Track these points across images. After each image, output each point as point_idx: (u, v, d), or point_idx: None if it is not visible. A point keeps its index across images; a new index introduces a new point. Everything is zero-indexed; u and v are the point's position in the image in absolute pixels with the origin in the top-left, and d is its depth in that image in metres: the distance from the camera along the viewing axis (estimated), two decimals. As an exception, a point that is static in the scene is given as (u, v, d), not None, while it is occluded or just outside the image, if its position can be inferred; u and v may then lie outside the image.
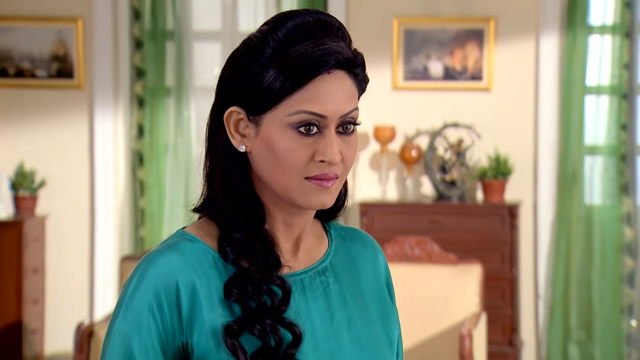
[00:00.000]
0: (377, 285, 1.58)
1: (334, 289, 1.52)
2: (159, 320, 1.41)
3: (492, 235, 5.87)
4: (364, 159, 6.19)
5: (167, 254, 1.43)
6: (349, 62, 1.46)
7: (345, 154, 1.46)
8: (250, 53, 1.45)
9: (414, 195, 6.17)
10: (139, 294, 1.42)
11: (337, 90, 1.44)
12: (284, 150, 1.43)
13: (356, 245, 1.60)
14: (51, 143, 6.25)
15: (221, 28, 6.23)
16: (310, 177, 1.44)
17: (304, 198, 1.44)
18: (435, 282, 4.67)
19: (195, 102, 6.21)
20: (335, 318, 1.49)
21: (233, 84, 1.46)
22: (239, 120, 1.46)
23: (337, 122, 1.45)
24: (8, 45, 6.27)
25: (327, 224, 1.59)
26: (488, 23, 6.09)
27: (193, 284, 1.42)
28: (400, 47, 6.13)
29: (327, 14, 1.48)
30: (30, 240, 5.99)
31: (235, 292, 1.42)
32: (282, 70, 1.42)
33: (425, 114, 6.12)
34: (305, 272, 1.50)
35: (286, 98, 1.43)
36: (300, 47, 1.42)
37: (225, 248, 1.45)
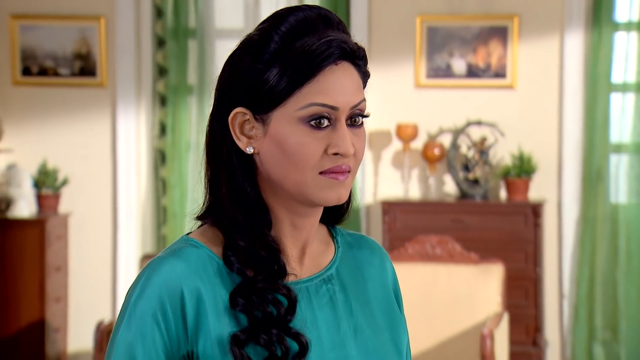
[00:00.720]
0: (384, 293, 1.56)
1: (340, 297, 1.49)
2: (164, 329, 1.38)
3: (516, 234, 5.82)
4: (386, 157, 6.16)
5: (171, 261, 1.40)
6: (354, 53, 1.43)
7: (356, 147, 1.43)
8: (253, 51, 1.42)
9: (437, 193, 6.13)
10: (142, 302, 1.38)
11: (345, 81, 1.42)
12: (296, 145, 1.40)
13: (363, 252, 1.57)
14: (74, 141, 6.26)
15: (243, 26, 6.22)
16: (324, 171, 1.41)
17: (320, 193, 1.41)
18: (457, 282, 4.63)
19: (217, 100, 6.18)
20: (342, 327, 1.46)
21: (236, 85, 1.43)
22: (244, 121, 1.43)
23: (347, 114, 1.42)
24: (31, 44, 6.28)
25: (333, 230, 1.56)
26: (512, 20, 6.03)
27: (198, 291, 1.39)
28: (423, 44, 6.09)
29: (327, 9, 1.45)
30: (53, 239, 6.00)
31: (241, 302, 1.39)
32: (289, 65, 1.39)
33: (448, 112, 6.08)
34: (311, 279, 1.47)
35: (295, 92, 1.40)
36: (305, 40, 1.40)
37: (230, 257, 1.41)
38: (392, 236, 5.81)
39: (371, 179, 6.16)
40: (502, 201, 5.97)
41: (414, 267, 4.67)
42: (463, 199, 5.96)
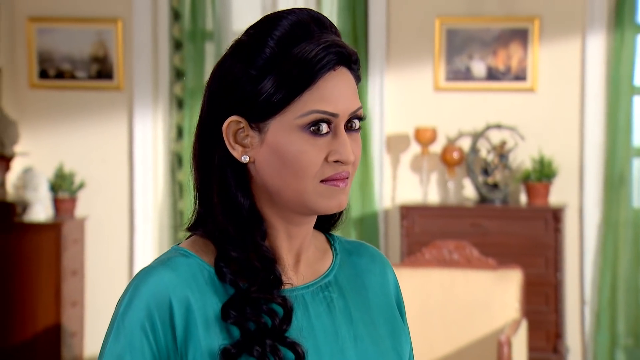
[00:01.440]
0: (385, 301, 1.51)
1: (338, 305, 1.45)
2: (152, 340, 1.34)
3: (536, 239, 5.74)
4: (405, 161, 6.09)
5: (159, 270, 1.37)
6: (350, 58, 1.40)
7: (355, 153, 1.40)
8: (246, 57, 1.37)
9: (456, 198, 6.06)
10: (130, 313, 1.35)
11: (344, 87, 1.38)
12: (296, 153, 1.36)
13: (363, 259, 1.52)
14: (90, 144, 6.23)
15: (261, 28, 6.17)
16: (325, 179, 1.37)
17: (322, 202, 1.38)
18: (474, 288, 4.56)
19: (234, 104, 6.15)
20: (340, 335, 1.42)
21: (228, 93, 1.38)
22: (238, 130, 1.39)
23: (345, 120, 1.39)
24: (49, 47, 6.27)
25: (331, 237, 1.52)
26: (532, 22, 5.96)
27: (187, 301, 1.35)
28: (442, 47, 6.03)
29: (318, 12, 1.41)
30: (69, 243, 5.98)
31: (233, 314, 1.34)
32: (286, 72, 1.35)
33: (468, 115, 6.01)
34: (307, 287, 1.43)
35: (295, 100, 1.36)
36: (303, 45, 1.36)
37: (222, 268, 1.37)
38: (411, 241, 5.75)
39: (389, 183, 6.10)
40: (522, 206, 5.90)
41: (431, 273, 4.61)
42: (482, 203, 5.89)
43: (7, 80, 6.23)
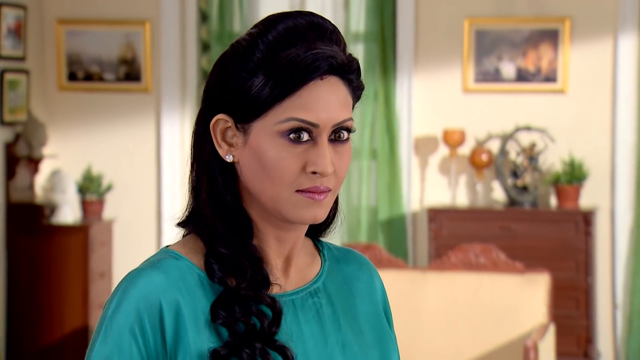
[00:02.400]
0: (373, 309, 1.49)
1: (327, 312, 1.43)
2: (141, 343, 1.32)
3: (566, 242, 5.67)
4: (433, 163, 6.04)
5: (149, 273, 1.34)
6: (343, 68, 1.36)
7: (337, 165, 1.36)
8: (239, 57, 1.36)
9: (485, 200, 6.00)
10: (119, 316, 1.33)
11: (330, 97, 1.35)
12: (273, 159, 1.34)
13: (351, 267, 1.50)
14: (118, 146, 6.24)
15: (289, 30, 6.15)
16: (301, 189, 1.35)
17: (295, 212, 1.35)
18: (501, 292, 4.51)
19: (262, 106, 6.13)
20: (329, 342, 1.40)
21: (220, 91, 1.37)
22: (227, 128, 1.38)
23: (329, 131, 1.35)
24: (77, 49, 6.28)
25: (320, 244, 1.50)
26: (563, 23, 5.89)
27: (177, 304, 1.33)
28: (471, 48, 5.97)
29: (321, 17, 1.38)
30: (97, 245, 5.98)
31: (222, 315, 1.33)
32: (271, 76, 1.33)
33: (497, 117, 5.95)
34: (297, 292, 1.41)
35: (276, 105, 1.34)
36: (292, 51, 1.34)
37: (212, 265, 1.35)
38: (438, 244, 5.70)
39: (417, 186, 6.05)
40: (552, 209, 5.82)
41: (457, 277, 4.55)
42: (512, 206, 5.82)
43: (36, 82, 6.25)
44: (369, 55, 5.98)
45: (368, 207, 5.99)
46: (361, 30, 6.02)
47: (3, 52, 5.92)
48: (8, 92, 5.96)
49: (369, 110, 5.98)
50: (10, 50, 6.00)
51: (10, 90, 5.99)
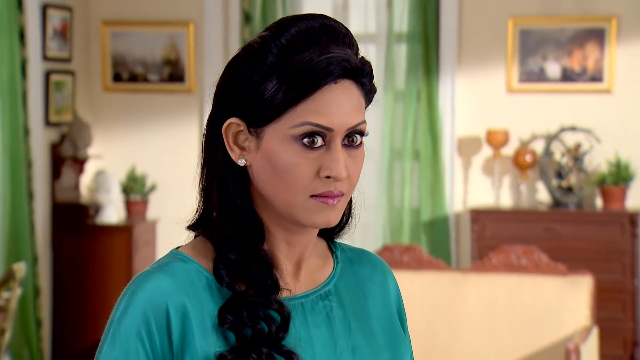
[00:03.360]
0: (386, 311, 1.47)
1: (337, 315, 1.41)
2: (148, 347, 1.32)
3: (612, 244, 5.60)
4: (476, 163, 6.00)
5: (156, 276, 1.34)
6: (356, 71, 1.35)
7: (350, 169, 1.35)
8: (251, 61, 1.35)
9: (529, 201, 5.94)
10: (126, 319, 1.33)
11: (344, 101, 1.33)
12: (287, 164, 1.33)
13: (364, 268, 1.49)
14: (162, 147, 6.27)
15: (332, 30, 6.13)
16: (315, 195, 1.33)
17: (308, 217, 1.34)
18: (543, 294, 4.45)
19: (304, 106, 6.13)
20: (339, 345, 1.39)
21: (232, 94, 1.36)
22: (239, 132, 1.36)
23: (343, 135, 1.34)
24: (122, 50, 6.33)
25: (333, 244, 1.49)
26: (609, 21, 5.81)
27: (184, 308, 1.33)
28: (515, 48, 5.92)
29: (334, 20, 1.36)
30: (140, 245, 6.01)
31: (229, 319, 1.32)
32: (285, 80, 1.32)
33: (541, 117, 5.89)
34: (306, 295, 1.40)
35: (290, 109, 1.33)
36: (305, 54, 1.32)
37: (220, 271, 1.35)
38: (481, 245, 5.65)
39: (460, 186, 6.01)
40: (598, 210, 5.75)
41: (498, 278, 4.51)
42: (556, 207, 5.76)
43: (82, 83, 6.30)
44: (412, 56, 5.95)
45: (411, 208, 5.96)
46: (404, 30, 5.99)
47: (49, 54, 5.98)
48: (54, 93, 6.02)
49: (412, 110, 5.95)
50: (56, 51, 6.05)
51: (56, 91, 6.05)
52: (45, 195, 5.95)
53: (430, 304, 4.49)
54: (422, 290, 4.52)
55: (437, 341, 4.46)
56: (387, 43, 5.98)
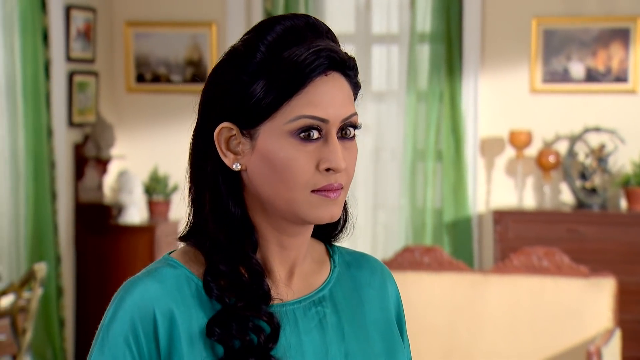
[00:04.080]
0: (383, 316, 1.46)
1: (330, 321, 1.39)
2: (136, 353, 1.32)
3: (636, 246, 5.55)
4: (499, 164, 5.96)
5: (145, 282, 1.33)
6: (344, 63, 1.35)
7: (347, 161, 1.35)
8: (239, 62, 1.34)
9: (552, 203, 5.90)
10: (114, 325, 1.33)
11: (336, 93, 1.34)
12: (285, 161, 1.32)
13: (362, 272, 1.47)
14: (185, 147, 6.22)
15: (354, 30, 6.13)
16: (316, 189, 1.33)
17: (312, 212, 1.34)
18: (565, 296, 4.42)
19: (327, 107, 6.12)
20: (331, 352, 1.37)
21: (221, 99, 1.35)
22: (231, 136, 1.36)
23: (338, 127, 1.34)
24: (145, 51, 6.34)
25: (331, 248, 1.47)
26: (634, 21, 5.77)
27: (171, 315, 1.32)
28: (539, 48, 5.88)
29: (315, 18, 1.37)
30: (163, 245, 6.02)
31: (217, 332, 1.31)
32: (276, 76, 1.32)
33: (565, 118, 5.85)
34: (299, 301, 1.39)
35: (283, 105, 1.32)
36: (294, 49, 1.33)
37: (210, 283, 1.34)
38: (504, 246, 5.62)
39: (483, 187, 5.98)
40: (622, 211, 5.70)
41: (520, 280, 4.48)
42: (580, 208, 5.72)
43: (105, 84, 6.32)
44: (435, 56, 5.92)
45: (433, 209, 5.94)
46: (427, 30, 5.96)
47: (72, 54, 6.01)
48: (77, 93, 6.05)
49: (434, 111, 5.92)
50: (79, 52, 6.08)
51: (80, 92, 6.07)
52: (69, 195, 5.98)
53: (451, 306, 4.47)
54: (443, 292, 4.50)
55: (458, 343, 4.44)
56: (410, 43, 5.96)
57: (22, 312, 4.46)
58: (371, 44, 6.12)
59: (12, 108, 5.51)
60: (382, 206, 6.11)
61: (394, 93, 6.08)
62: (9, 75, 5.50)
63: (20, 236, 5.56)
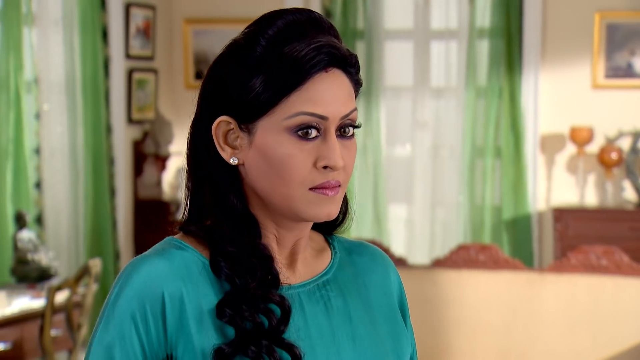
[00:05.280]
0: (387, 301, 1.45)
1: (336, 304, 1.38)
2: (142, 331, 1.30)
3: (702, 244, 5.42)
4: (560, 161, 5.87)
5: (153, 260, 1.32)
6: (345, 60, 1.34)
7: (346, 160, 1.33)
8: (239, 56, 1.33)
9: (614, 200, 5.79)
10: (121, 302, 1.31)
11: (336, 90, 1.32)
12: (283, 157, 1.31)
13: (364, 258, 1.46)
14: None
15: (413, 26, 6.07)
16: (313, 187, 1.32)
17: (309, 210, 1.32)
18: (624, 296, 4.32)
19: (385, 103, 6.08)
20: (337, 335, 1.36)
21: (220, 92, 1.34)
22: (229, 130, 1.34)
23: (337, 124, 1.32)
24: (204, 48, 6.36)
25: (330, 237, 1.46)
26: (700, 15, 5.63)
27: (180, 294, 1.30)
28: (601, 42, 5.77)
29: (318, 13, 1.35)
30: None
31: (228, 313, 1.29)
32: (275, 71, 1.30)
33: (628, 114, 5.73)
34: (303, 285, 1.37)
35: (282, 101, 1.31)
36: (294, 45, 1.31)
37: (219, 263, 1.32)
38: (564, 244, 5.53)
39: (543, 184, 5.88)
40: (687, 209, 5.58)
41: (577, 279, 4.39)
42: (643, 206, 5.60)
43: (164, 81, 6.35)
44: (494, 51, 5.85)
45: (492, 206, 5.86)
46: (486, 25, 5.89)
47: (132, 52, 6.04)
48: (136, 91, 6.09)
49: (494, 107, 5.85)
50: (138, 49, 6.11)
51: (139, 89, 6.11)
52: (127, 192, 6.02)
53: (507, 305, 4.40)
54: (499, 291, 4.43)
55: (514, 342, 4.37)
56: (469, 39, 5.89)
57: (77, 307, 4.50)
58: (430, 39, 6.06)
59: (71, 105, 5.57)
60: (440, 203, 6.05)
61: (453, 89, 6.02)
62: (68, 72, 5.56)
63: (79, 232, 5.61)
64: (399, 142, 6.15)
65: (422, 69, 6.02)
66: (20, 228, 4.83)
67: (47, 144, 5.44)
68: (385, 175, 6.04)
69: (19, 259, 4.79)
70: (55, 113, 5.51)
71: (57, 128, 5.53)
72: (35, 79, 5.35)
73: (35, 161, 5.33)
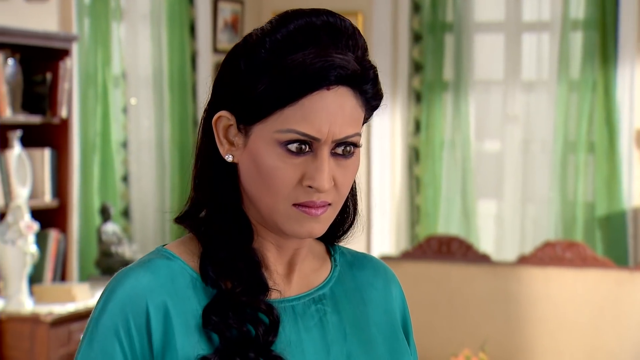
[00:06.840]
0: (387, 318, 1.38)
1: (331, 320, 1.32)
2: (126, 346, 1.25)
3: None
4: (652, 156, 5.67)
5: (137, 272, 1.27)
6: (354, 78, 1.25)
7: (339, 180, 1.26)
8: (247, 53, 1.27)
9: None
10: (105, 317, 1.26)
11: (335, 110, 1.24)
12: (270, 168, 1.25)
13: (365, 273, 1.39)
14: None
15: (504, 19, 5.94)
16: (297, 203, 1.25)
17: (290, 226, 1.27)
18: None
19: (474, 97, 5.96)
20: (332, 352, 1.30)
21: (226, 85, 1.29)
22: (229, 126, 1.30)
23: (331, 146, 1.26)
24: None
25: (332, 248, 1.39)
26: None
27: (165, 307, 1.25)
28: (700, 33, 5.56)
29: (340, 17, 1.28)
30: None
31: (214, 320, 1.24)
32: (275, 80, 1.24)
33: None
34: (298, 298, 1.32)
35: (277, 111, 1.25)
36: (299, 55, 1.24)
37: (206, 267, 1.27)
38: (659, 243, 5.34)
39: (639, 180, 5.69)
40: None
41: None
42: None
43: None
44: (588, 44, 5.68)
45: (585, 202, 5.70)
46: (580, 17, 5.73)
47: (219, 46, 6.05)
48: (224, 85, 6.09)
49: (587, 101, 5.68)
50: (226, 44, 6.11)
51: (227, 83, 6.11)
52: (215, 186, 6.03)
53: (594, 304, 4.26)
54: (586, 289, 4.30)
55: (602, 342, 4.23)
56: (562, 31, 5.74)
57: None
58: (521, 32, 5.92)
59: (158, 99, 5.60)
60: (531, 199, 5.91)
61: (545, 83, 5.87)
62: (155, 66, 5.59)
63: (165, 226, 5.64)
64: (489, 136, 6.03)
65: (513, 62, 5.89)
66: (105, 221, 4.88)
67: (134, 137, 5.48)
68: (474, 170, 5.93)
69: (103, 251, 4.84)
70: (143, 107, 5.55)
71: (144, 122, 5.57)
72: (122, 73, 5.39)
73: (122, 155, 5.37)
